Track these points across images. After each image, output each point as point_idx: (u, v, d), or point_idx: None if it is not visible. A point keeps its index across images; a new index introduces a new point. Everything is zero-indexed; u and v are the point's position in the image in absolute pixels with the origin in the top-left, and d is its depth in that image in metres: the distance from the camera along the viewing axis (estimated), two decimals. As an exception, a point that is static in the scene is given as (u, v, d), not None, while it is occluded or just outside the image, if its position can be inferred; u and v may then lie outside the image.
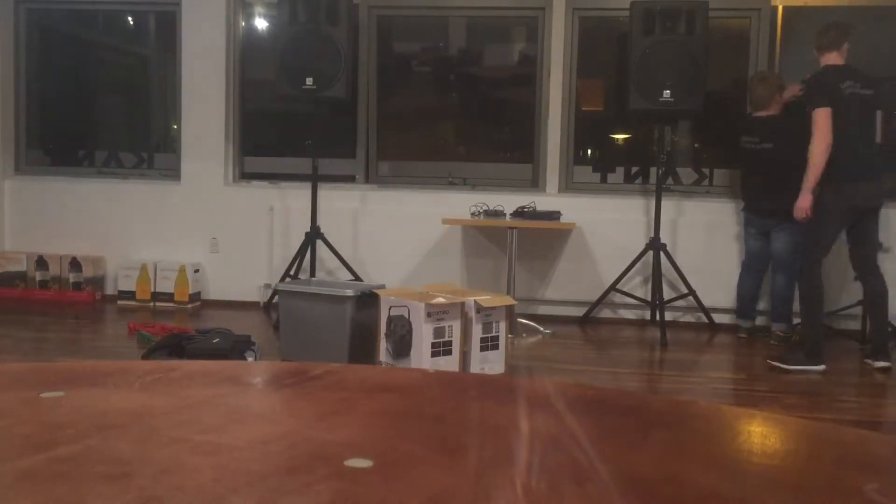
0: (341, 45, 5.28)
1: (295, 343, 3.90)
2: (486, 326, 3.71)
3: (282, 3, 5.35)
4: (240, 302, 5.79)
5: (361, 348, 3.77)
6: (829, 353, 4.80)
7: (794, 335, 5.00)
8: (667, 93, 4.99)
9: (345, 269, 5.65)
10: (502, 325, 3.76)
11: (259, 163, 6.17)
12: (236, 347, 3.71)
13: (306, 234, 5.55)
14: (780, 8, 5.62)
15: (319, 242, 5.55)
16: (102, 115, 6.54)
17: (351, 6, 5.39)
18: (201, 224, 5.98)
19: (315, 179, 5.54)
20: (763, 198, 5.05)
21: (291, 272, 5.55)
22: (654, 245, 5.23)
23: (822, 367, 4.29)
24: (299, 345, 3.88)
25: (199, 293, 5.90)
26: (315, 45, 5.26)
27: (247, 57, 6.13)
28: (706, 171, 5.82)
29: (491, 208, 5.39)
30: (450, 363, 3.52)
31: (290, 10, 5.31)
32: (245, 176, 6.15)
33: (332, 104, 5.56)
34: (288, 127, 6.32)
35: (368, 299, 3.79)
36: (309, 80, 5.25)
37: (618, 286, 5.42)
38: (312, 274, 5.54)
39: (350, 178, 5.98)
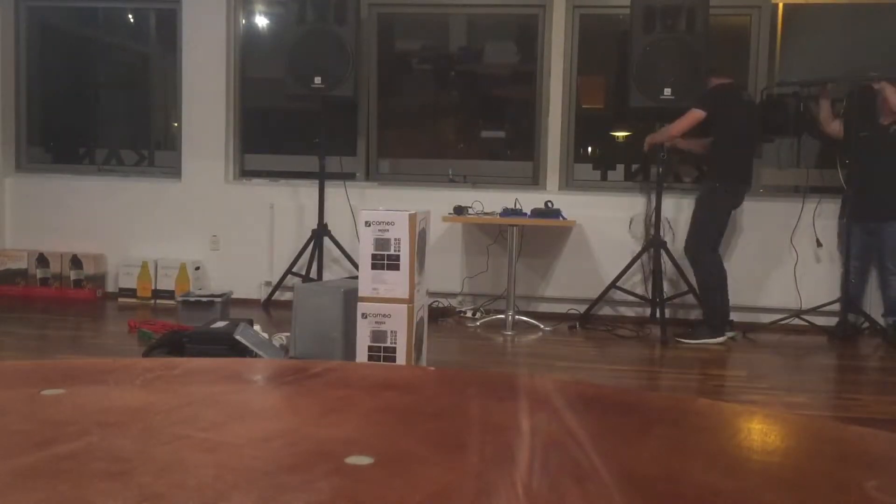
0: (349, 45, 5.30)
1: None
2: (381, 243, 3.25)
3: (290, 3, 5.38)
4: (240, 299, 5.78)
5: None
6: (840, 351, 4.81)
7: None
8: (667, 90, 4.98)
9: (342, 267, 5.66)
10: (404, 244, 3.27)
11: (260, 160, 6.17)
12: (237, 324, 3.73)
13: (313, 230, 5.57)
14: (781, 6, 5.61)
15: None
16: (103, 113, 6.54)
17: (358, 6, 5.41)
18: (202, 221, 5.98)
19: (322, 177, 5.56)
20: None
21: (300, 270, 5.57)
22: (655, 242, 5.22)
23: None
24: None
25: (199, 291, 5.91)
26: (324, 44, 5.29)
27: (247, 54, 6.13)
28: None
29: (509, 206, 5.40)
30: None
31: (298, 9, 5.34)
32: (245, 173, 6.15)
33: (336, 103, 5.57)
34: (289, 125, 6.33)
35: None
36: (318, 80, 5.28)
37: (618, 283, 5.41)
38: (319, 271, 5.56)
39: (350, 176, 5.98)
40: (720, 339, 4.80)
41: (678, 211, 5.53)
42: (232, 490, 0.53)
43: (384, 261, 3.26)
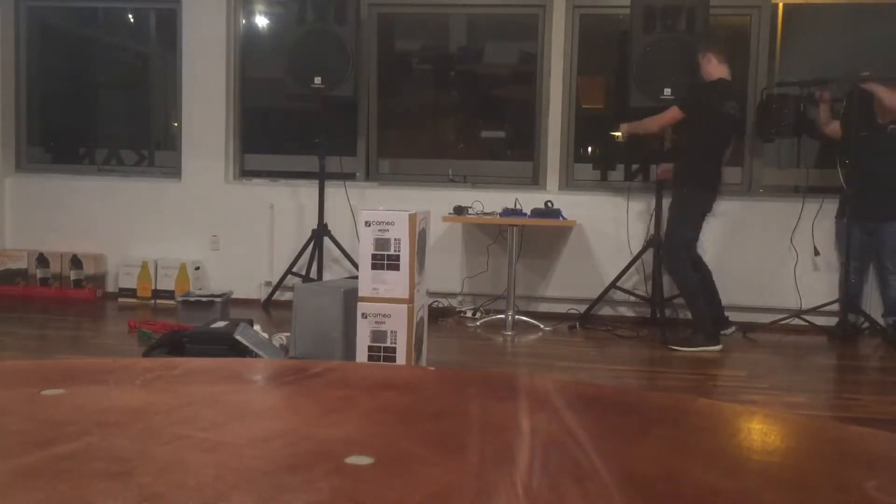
0: (349, 45, 5.31)
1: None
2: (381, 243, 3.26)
3: (290, 3, 5.39)
4: (240, 299, 5.79)
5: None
6: (841, 351, 4.81)
7: None
8: (667, 90, 4.98)
9: (342, 267, 5.66)
10: (404, 244, 3.28)
11: (260, 160, 6.17)
12: (237, 324, 3.73)
13: (313, 230, 5.57)
14: (781, 6, 5.61)
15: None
16: (103, 113, 6.54)
17: (358, 6, 5.41)
18: (202, 221, 5.98)
19: (322, 177, 5.57)
20: None
21: (300, 269, 5.57)
22: (655, 242, 5.23)
23: None
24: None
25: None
26: (324, 44, 5.30)
27: (247, 54, 6.13)
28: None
29: (509, 206, 5.40)
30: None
31: (298, 9, 5.35)
32: (245, 173, 6.15)
33: (336, 103, 5.57)
34: (289, 125, 6.33)
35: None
36: (318, 80, 5.29)
37: (618, 283, 5.41)
38: (319, 271, 5.56)
39: (350, 176, 5.98)
40: (717, 347, 4.61)
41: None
42: (232, 490, 0.53)
43: (384, 261, 3.26)
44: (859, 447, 0.69)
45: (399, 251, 3.25)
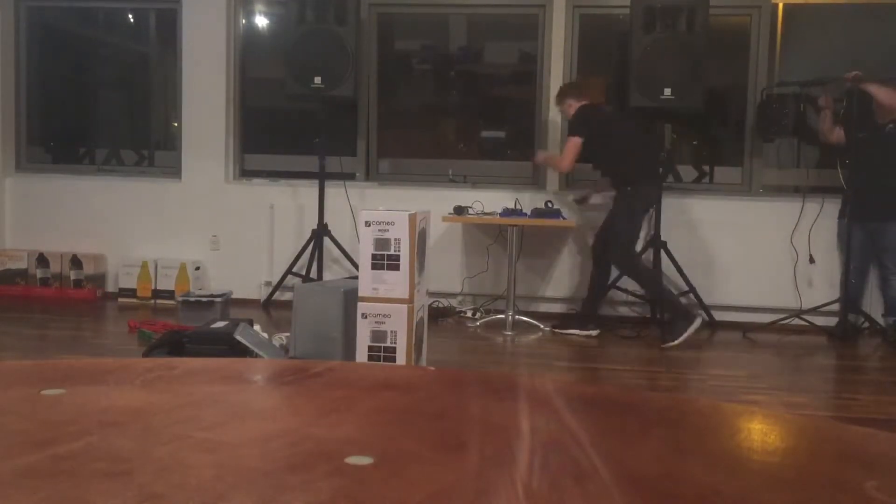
0: (349, 45, 5.32)
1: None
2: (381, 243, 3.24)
3: (290, 3, 5.39)
4: (240, 299, 5.79)
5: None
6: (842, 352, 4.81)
7: None
8: (667, 90, 4.99)
9: (342, 267, 5.66)
10: (404, 244, 3.26)
11: (260, 160, 6.17)
12: (237, 323, 3.74)
13: (313, 230, 5.57)
14: (781, 6, 5.62)
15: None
16: (103, 113, 6.54)
17: (358, 6, 5.42)
18: (202, 221, 5.98)
19: (322, 177, 5.57)
20: None
21: (300, 270, 5.57)
22: (655, 242, 5.22)
23: None
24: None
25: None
26: (324, 44, 5.30)
27: (248, 54, 6.13)
28: (706, 168, 5.82)
29: (509, 206, 5.39)
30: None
31: (298, 9, 5.35)
32: (245, 173, 6.15)
33: (336, 103, 5.58)
34: (289, 125, 6.33)
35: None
36: (317, 80, 5.29)
37: (618, 284, 5.41)
38: (319, 271, 5.56)
39: (350, 176, 5.98)
40: (698, 324, 4.69)
41: (678, 211, 5.53)
42: (232, 490, 0.53)
43: (384, 261, 3.25)
44: (859, 447, 0.69)
45: (399, 251, 3.25)
